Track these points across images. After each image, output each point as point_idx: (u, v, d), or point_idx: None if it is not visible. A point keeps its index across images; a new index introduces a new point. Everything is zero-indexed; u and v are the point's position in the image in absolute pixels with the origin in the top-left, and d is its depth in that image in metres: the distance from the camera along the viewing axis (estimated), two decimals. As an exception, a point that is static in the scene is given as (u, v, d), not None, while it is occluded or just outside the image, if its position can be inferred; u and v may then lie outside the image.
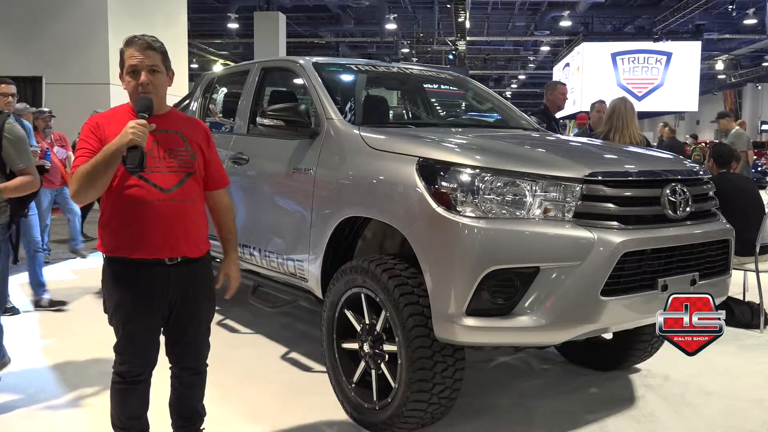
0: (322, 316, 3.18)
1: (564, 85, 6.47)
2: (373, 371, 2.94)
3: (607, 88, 21.14)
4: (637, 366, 3.84)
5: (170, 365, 2.51)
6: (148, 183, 2.24)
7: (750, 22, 20.93)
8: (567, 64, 24.52)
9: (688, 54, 22.38)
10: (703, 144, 21.35)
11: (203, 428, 2.64)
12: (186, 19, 14.07)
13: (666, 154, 3.52)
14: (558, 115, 6.31)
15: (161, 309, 2.34)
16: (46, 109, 7.23)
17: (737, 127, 8.09)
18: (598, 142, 4.18)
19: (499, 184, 2.58)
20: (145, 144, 2.14)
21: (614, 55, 22.67)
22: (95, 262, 6.91)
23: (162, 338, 2.45)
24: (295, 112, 3.40)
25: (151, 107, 2.24)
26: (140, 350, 2.35)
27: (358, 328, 3.00)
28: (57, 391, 3.47)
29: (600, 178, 2.65)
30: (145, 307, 2.31)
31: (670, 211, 2.78)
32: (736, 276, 3.71)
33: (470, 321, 2.51)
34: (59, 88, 10.94)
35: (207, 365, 2.58)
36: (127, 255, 2.27)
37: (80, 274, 6.52)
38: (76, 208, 6.92)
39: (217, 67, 20.29)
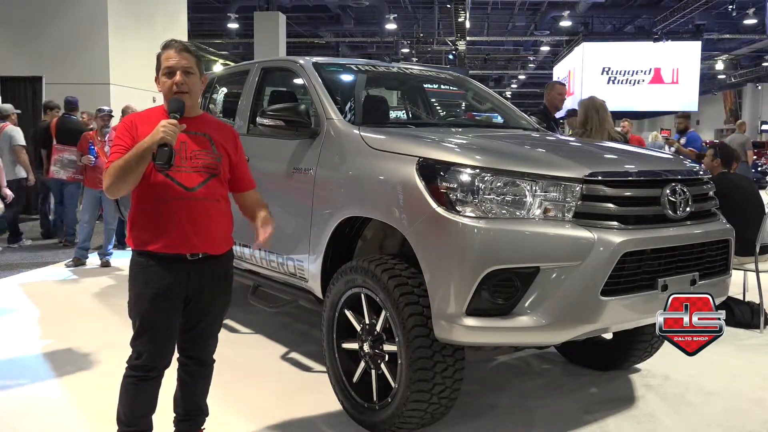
0: (322, 316, 3.18)
1: (563, 85, 6.48)
2: (373, 371, 2.94)
3: (607, 88, 21.16)
4: (637, 366, 3.85)
5: (177, 355, 2.55)
6: (173, 181, 2.33)
7: (750, 22, 20.93)
8: (569, 70, 24.50)
9: (688, 54, 22.37)
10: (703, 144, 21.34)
11: (204, 428, 2.65)
12: (186, 19, 14.07)
13: (666, 154, 3.52)
14: (557, 115, 6.32)
15: (178, 303, 2.40)
16: (106, 108, 7.11)
17: None
18: (598, 142, 4.18)
19: (499, 184, 2.58)
20: (175, 143, 2.23)
21: (614, 56, 22.66)
22: (95, 262, 6.90)
23: None
24: (295, 112, 3.40)
25: (183, 108, 2.34)
26: (156, 343, 2.39)
27: (358, 328, 3.00)
28: (58, 391, 3.47)
29: (600, 178, 2.65)
30: (164, 300, 2.36)
31: (670, 211, 2.78)
32: (736, 276, 3.71)
33: (470, 321, 2.51)
34: (59, 88, 10.91)
35: (214, 360, 2.62)
36: (151, 249, 2.35)
37: (81, 273, 6.52)
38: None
39: (217, 67, 20.29)
